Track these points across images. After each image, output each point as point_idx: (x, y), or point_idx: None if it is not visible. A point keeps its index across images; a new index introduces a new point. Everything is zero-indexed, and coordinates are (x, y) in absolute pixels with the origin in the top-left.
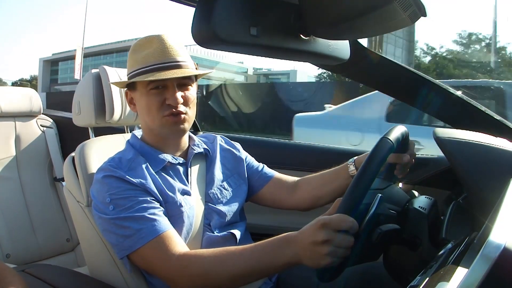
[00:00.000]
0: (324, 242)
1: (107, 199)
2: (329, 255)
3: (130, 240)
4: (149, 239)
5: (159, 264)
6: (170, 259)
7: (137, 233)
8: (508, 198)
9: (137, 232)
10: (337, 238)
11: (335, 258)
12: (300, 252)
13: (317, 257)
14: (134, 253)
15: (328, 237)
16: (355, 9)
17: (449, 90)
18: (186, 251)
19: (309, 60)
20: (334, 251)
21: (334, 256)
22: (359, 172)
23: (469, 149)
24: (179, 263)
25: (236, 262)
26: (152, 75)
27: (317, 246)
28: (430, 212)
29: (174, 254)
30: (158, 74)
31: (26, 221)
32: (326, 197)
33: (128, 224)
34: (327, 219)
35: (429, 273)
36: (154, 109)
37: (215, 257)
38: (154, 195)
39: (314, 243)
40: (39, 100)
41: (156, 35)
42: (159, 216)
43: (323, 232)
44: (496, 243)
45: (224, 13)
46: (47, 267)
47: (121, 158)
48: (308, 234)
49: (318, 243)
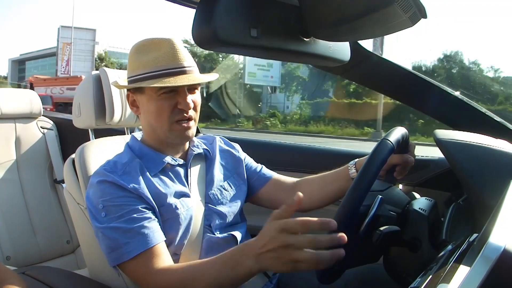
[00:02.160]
0: (282, 247)
1: (100, 205)
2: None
3: (117, 252)
4: (134, 254)
5: (143, 279)
6: (155, 274)
7: (124, 246)
8: (508, 199)
9: (124, 245)
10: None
11: (303, 262)
12: (261, 259)
13: (277, 260)
14: (122, 265)
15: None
16: (355, 11)
17: (449, 92)
18: (168, 265)
19: (309, 62)
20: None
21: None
22: (360, 173)
23: (469, 151)
24: (161, 277)
25: (207, 274)
26: (167, 81)
27: (276, 251)
28: (430, 214)
29: (158, 269)
30: (173, 79)
31: (27, 223)
32: (326, 198)
33: (116, 236)
34: (285, 222)
35: (429, 274)
36: (165, 114)
37: (193, 269)
38: (148, 201)
39: (273, 250)
40: (39, 102)
41: (164, 38)
42: (148, 228)
43: (281, 236)
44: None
45: (225, 14)
46: (47, 269)
47: (117, 162)
48: (266, 241)
49: (277, 248)
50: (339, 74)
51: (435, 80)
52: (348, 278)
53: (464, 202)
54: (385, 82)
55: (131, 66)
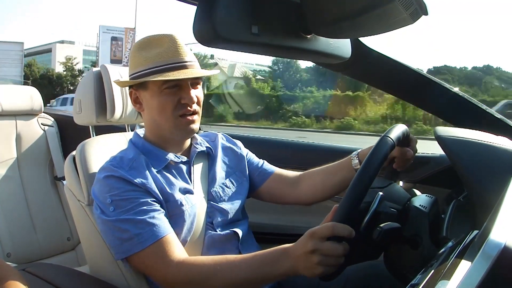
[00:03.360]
0: (313, 251)
1: (108, 200)
2: (319, 264)
3: (129, 244)
4: (148, 244)
5: (157, 270)
6: (169, 265)
7: (135, 237)
8: (508, 196)
9: (135, 236)
10: (324, 246)
11: (327, 267)
12: (295, 263)
13: (310, 266)
14: (132, 257)
15: (315, 247)
16: (356, 8)
17: (450, 89)
18: (185, 257)
19: (310, 59)
20: (324, 259)
21: (325, 264)
22: (360, 170)
23: (470, 148)
24: (178, 269)
25: (235, 271)
26: (170, 74)
27: (307, 256)
28: (430, 211)
29: (173, 261)
30: (176, 73)
31: (27, 220)
32: (329, 190)
33: (128, 227)
34: (314, 229)
35: (429, 271)
36: (169, 109)
37: (214, 265)
38: (155, 195)
39: (305, 253)
40: (40, 99)
41: (166, 35)
42: (159, 219)
43: (310, 242)
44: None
45: (225, 11)
46: (47, 266)
47: (123, 157)
48: (299, 245)
49: (308, 253)
50: (340, 71)
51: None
52: (348, 275)
53: (464, 199)
54: (386, 79)
55: (133, 63)
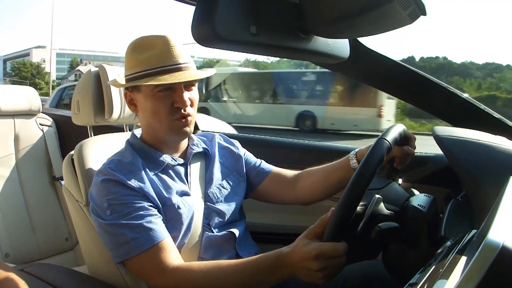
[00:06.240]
0: (314, 257)
1: (105, 204)
2: (324, 277)
3: (125, 248)
4: (144, 248)
5: (152, 275)
6: (164, 271)
7: (132, 241)
8: (507, 196)
9: (132, 241)
10: (330, 263)
11: (330, 277)
12: (294, 271)
13: (312, 277)
14: (128, 261)
15: (322, 266)
16: (355, 8)
17: (448, 89)
18: (179, 263)
19: (308, 59)
20: (328, 273)
21: (329, 276)
22: (356, 173)
23: (468, 147)
24: (172, 276)
25: (229, 278)
26: (162, 78)
27: (311, 271)
28: (429, 210)
29: (168, 267)
30: (168, 77)
31: (25, 220)
32: (328, 189)
33: (124, 232)
34: (321, 251)
35: (428, 271)
36: (162, 113)
37: (208, 272)
38: (152, 199)
39: (309, 269)
40: (38, 99)
41: (159, 36)
42: (155, 224)
43: (317, 262)
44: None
45: (224, 11)
46: (46, 266)
47: (120, 161)
48: (301, 258)
49: (313, 270)
50: (339, 71)
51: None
52: (346, 274)
53: (463, 199)
54: (384, 79)
55: (127, 65)
